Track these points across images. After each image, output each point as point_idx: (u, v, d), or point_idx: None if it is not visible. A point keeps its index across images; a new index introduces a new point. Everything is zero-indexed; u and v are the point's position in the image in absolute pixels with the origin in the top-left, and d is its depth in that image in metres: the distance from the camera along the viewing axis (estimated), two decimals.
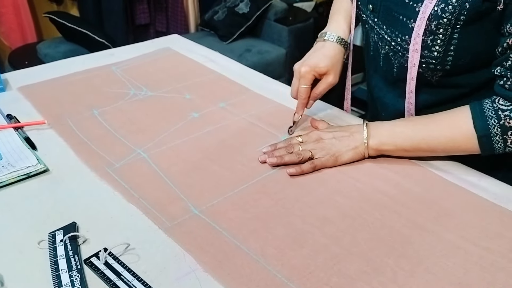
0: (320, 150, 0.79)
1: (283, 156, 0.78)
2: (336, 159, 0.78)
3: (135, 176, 0.75)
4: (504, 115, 0.69)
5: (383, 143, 0.78)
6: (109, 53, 1.24)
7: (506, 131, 0.70)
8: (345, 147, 0.79)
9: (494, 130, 0.70)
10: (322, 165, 0.78)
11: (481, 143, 0.71)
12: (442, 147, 0.75)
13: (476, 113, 0.72)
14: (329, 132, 0.81)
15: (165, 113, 0.94)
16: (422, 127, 0.76)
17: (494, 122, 0.70)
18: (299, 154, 0.78)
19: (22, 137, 0.84)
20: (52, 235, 0.62)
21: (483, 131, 0.71)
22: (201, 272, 0.58)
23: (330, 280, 0.57)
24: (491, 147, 0.71)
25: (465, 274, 0.58)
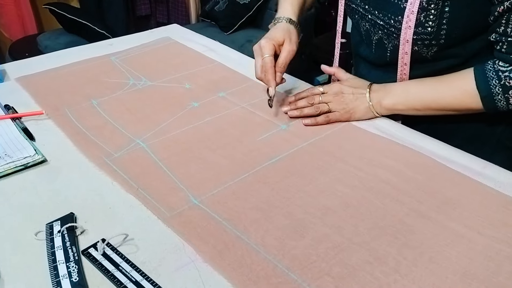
0: (338, 104, 0.85)
1: (303, 109, 0.86)
2: (351, 115, 0.85)
3: (134, 166, 0.74)
4: (504, 76, 0.74)
5: (397, 103, 0.83)
6: (108, 43, 1.23)
7: (507, 90, 0.74)
8: (360, 104, 0.85)
9: (496, 89, 0.75)
10: (336, 119, 0.85)
11: (485, 102, 0.76)
12: (450, 106, 0.80)
13: (479, 75, 0.76)
14: (349, 87, 0.86)
15: (164, 103, 0.93)
16: (431, 88, 0.81)
17: (496, 82, 0.75)
18: (317, 108, 0.85)
19: (19, 128, 0.83)
20: (49, 226, 0.61)
21: (486, 91, 0.76)
22: (200, 263, 0.57)
23: (331, 270, 0.56)
24: (495, 105, 0.76)
25: (469, 264, 0.57)
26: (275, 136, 0.82)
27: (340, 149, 0.78)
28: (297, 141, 0.81)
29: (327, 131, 0.83)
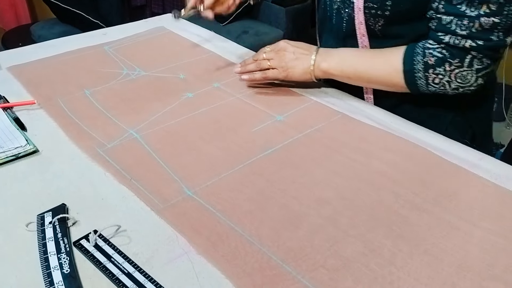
0: (278, 61, 0.87)
1: (247, 65, 0.90)
2: (288, 74, 0.87)
3: (127, 157, 0.73)
4: (428, 53, 0.76)
5: (332, 68, 0.85)
6: (101, 32, 1.21)
7: (427, 68, 0.76)
8: (299, 64, 0.86)
9: (418, 66, 0.76)
10: (274, 77, 0.88)
11: (406, 77, 0.78)
12: (378, 79, 0.82)
13: (408, 50, 0.79)
14: (293, 47, 0.88)
15: (158, 93, 0.92)
16: (365, 57, 0.84)
17: (419, 58, 0.76)
18: (258, 64, 0.88)
19: (11, 118, 0.81)
20: (40, 217, 0.60)
21: (408, 66, 0.77)
22: (194, 254, 0.56)
23: (326, 262, 0.56)
24: (415, 82, 0.78)
25: (465, 256, 0.56)
26: (270, 127, 0.81)
27: (336, 141, 0.78)
28: (293, 132, 0.80)
29: (322, 122, 0.82)
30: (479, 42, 0.72)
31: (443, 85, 0.77)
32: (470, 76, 0.75)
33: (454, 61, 0.74)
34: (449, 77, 0.75)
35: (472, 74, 0.75)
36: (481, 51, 0.72)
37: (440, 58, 0.75)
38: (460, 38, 0.72)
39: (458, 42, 0.73)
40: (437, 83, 0.77)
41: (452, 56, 0.74)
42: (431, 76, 0.76)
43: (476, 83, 0.76)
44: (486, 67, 0.74)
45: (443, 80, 0.76)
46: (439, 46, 0.75)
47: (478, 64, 0.74)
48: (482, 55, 0.73)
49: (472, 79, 0.75)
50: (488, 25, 0.70)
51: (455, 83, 0.76)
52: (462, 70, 0.74)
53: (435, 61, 0.75)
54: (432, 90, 0.78)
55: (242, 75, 0.91)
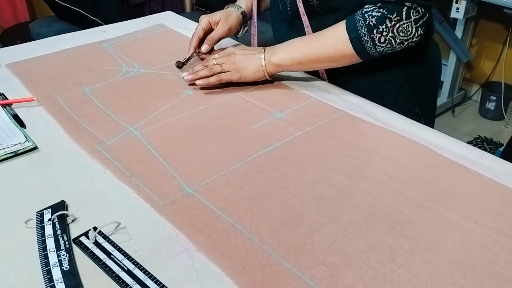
0: (230, 64, 0.89)
1: (198, 72, 0.91)
2: (241, 75, 0.89)
3: (126, 154, 0.73)
4: (368, 15, 0.80)
5: (282, 59, 0.88)
6: (100, 30, 1.21)
7: (371, 29, 0.80)
8: (250, 64, 0.89)
9: (362, 30, 0.80)
10: (228, 79, 0.89)
11: (354, 44, 0.82)
12: (327, 54, 0.85)
13: (348, 20, 0.82)
14: (241, 50, 0.92)
15: (158, 90, 0.92)
16: (311, 40, 0.87)
17: (361, 23, 0.80)
18: (211, 69, 0.89)
19: (10, 115, 0.81)
20: (40, 214, 0.60)
21: (354, 33, 0.81)
22: (194, 252, 0.56)
23: (326, 259, 0.55)
24: (364, 47, 0.82)
25: (466, 253, 0.56)
26: (270, 125, 0.81)
27: (336, 138, 0.77)
28: (293, 129, 0.80)
29: (322, 120, 0.82)
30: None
31: (389, 41, 0.81)
32: (411, 28, 0.80)
33: (393, 16, 0.79)
34: (392, 32, 0.80)
35: (411, 25, 0.80)
36: (414, 0, 0.78)
37: (379, 16, 0.79)
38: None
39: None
40: (383, 42, 0.81)
41: (389, 11, 0.78)
42: (376, 36, 0.80)
43: (417, 33, 0.81)
44: (422, 16, 0.80)
45: (388, 36, 0.80)
46: (376, 6, 0.79)
47: (415, 15, 0.79)
48: (416, 4, 0.78)
49: (412, 30, 0.80)
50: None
51: (399, 37, 0.80)
52: (402, 23, 0.79)
53: (376, 20, 0.79)
54: (380, 51, 0.82)
55: (196, 81, 0.91)
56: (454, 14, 2.33)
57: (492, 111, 2.56)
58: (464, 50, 2.50)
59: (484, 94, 2.59)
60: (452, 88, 2.61)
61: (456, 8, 2.29)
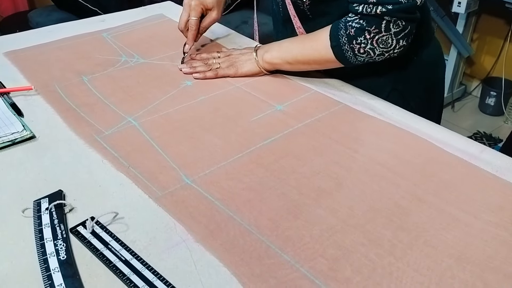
0: (227, 62, 0.92)
1: (196, 67, 0.92)
2: (237, 69, 0.91)
3: (125, 145, 0.72)
4: (349, 25, 0.78)
5: (274, 57, 0.89)
6: (99, 19, 1.20)
7: (351, 39, 0.79)
8: (246, 60, 0.91)
9: (343, 39, 0.79)
10: (224, 73, 0.91)
11: (335, 52, 0.81)
12: (312, 58, 0.85)
13: (333, 26, 0.82)
14: (239, 49, 0.95)
15: (157, 80, 0.91)
16: (299, 42, 0.88)
17: (342, 32, 0.79)
18: (209, 65, 0.92)
19: (7, 103, 0.80)
20: (37, 203, 0.60)
21: (335, 41, 0.81)
22: (192, 242, 0.56)
23: (325, 252, 0.55)
24: (344, 56, 0.81)
25: (465, 248, 0.56)
26: (270, 117, 0.81)
27: (336, 131, 0.77)
28: (292, 122, 0.79)
29: (322, 112, 0.82)
30: (388, 7, 0.74)
31: (368, 53, 0.79)
32: (391, 40, 0.78)
33: (371, 29, 0.77)
34: (371, 44, 0.78)
35: (391, 38, 0.78)
36: (394, 14, 0.75)
37: (358, 28, 0.78)
38: (371, 5, 0.75)
39: (370, 10, 0.75)
40: (363, 52, 0.79)
41: (368, 24, 0.77)
42: (356, 46, 0.79)
43: (398, 45, 0.79)
44: (403, 29, 0.77)
45: (367, 48, 0.79)
46: (356, 17, 0.78)
47: (395, 27, 0.76)
48: (395, 18, 0.76)
49: (393, 42, 0.78)
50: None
51: (379, 49, 0.79)
52: (382, 36, 0.77)
53: (355, 31, 0.78)
54: (361, 60, 0.81)
55: (193, 74, 0.92)
56: (455, 9, 2.31)
57: (492, 106, 2.56)
58: (465, 45, 2.49)
59: (484, 89, 2.58)
60: (452, 83, 2.60)
61: (458, 2, 2.28)
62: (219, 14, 0.98)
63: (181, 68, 0.94)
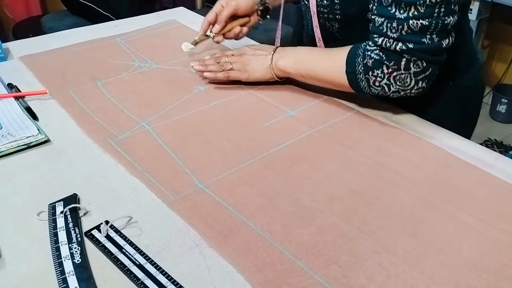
0: (240, 64, 0.89)
1: (208, 65, 0.90)
2: (249, 75, 0.88)
3: (138, 149, 0.73)
4: (367, 54, 0.74)
5: (288, 66, 0.85)
6: (113, 24, 1.21)
7: (367, 70, 0.74)
8: (259, 65, 0.88)
9: (359, 68, 0.75)
10: (236, 77, 0.89)
11: (349, 78, 0.77)
12: (325, 77, 0.81)
13: (351, 50, 0.77)
14: (252, 50, 0.90)
15: (170, 86, 0.92)
16: (315, 57, 0.84)
17: (360, 60, 0.75)
18: (221, 65, 0.89)
19: (23, 107, 0.81)
20: (52, 207, 0.60)
21: (351, 67, 0.76)
22: (205, 247, 0.56)
23: (339, 258, 0.55)
24: (358, 84, 0.77)
25: (480, 256, 0.55)
26: (283, 122, 0.81)
27: (348, 137, 0.77)
28: (305, 127, 0.79)
29: (335, 118, 0.82)
30: (409, 45, 0.69)
31: (383, 88, 0.75)
32: (409, 80, 0.72)
33: (390, 64, 0.72)
34: (388, 79, 0.73)
35: (410, 77, 0.72)
36: (414, 54, 0.70)
37: (377, 60, 0.73)
38: (392, 40, 0.70)
39: (390, 45, 0.71)
40: (378, 86, 0.75)
41: (388, 58, 0.72)
42: (371, 78, 0.74)
43: (416, 86, 0.73)
44: (424, 70, 0.71)
45: (382, 83, 0.74)
46: (376, 48, 0.73)
47: (415, 67, 0.71)
48: (416, 58, 0.70)
49: (411, 82, 0.73)
50: (417, 27, 0.68)
51: (395, 86, 0.74)
52: (400, 73, 0.72)
53: (373, 63, 0.73)
54: (375, 92, 0.76)
55: (204, 72, 0.91)
56: None
57: (503, 114, 2.54)
58: None
59: (495, 96, 2.57)
60: None
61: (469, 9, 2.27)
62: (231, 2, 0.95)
63: (192, 65, 0.92)
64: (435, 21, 0.68)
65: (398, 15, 0.68)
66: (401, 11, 0.68)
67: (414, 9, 0.67)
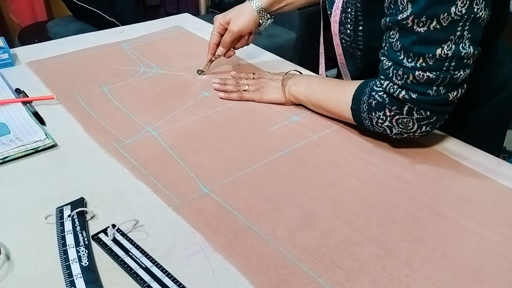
0: (256, 86, 0.90)
1: (226, 85, 0.92)
2: (262, 95, 0.89)
3: (144, 154, 0.74)
4: (372, 95, 0.71)
5: (300, 93, 0.85)
6: (118, 30, 1.23)
7: (371, 110, 0.72)
8: (273, 88, 0.88)
9: (363, 106, 0.73)
10: (249, 97, 0.89)
11: (353, 115, 0.75)
12: (333, 110, 0.80)
13: (359, 87, 0.75)
14: (271, 74, 0.92)
15: (175, 91, 0.93)
16: (327, 87, 0.82)
17: (365, 99, 0.72)
18: (238, 86, 0.91)
19: (30, 112, 0.82)
20: (59, 210, 0.61)
21: (356, 105, 0.74)
22: (210, 251, 0.57)
23: (342, 263, 0.56)
24: (362, 122, 0.75)
25: (482, 261, 0.56)
26: (286, 128, 0.82)
27: (352, 142, 0.78)
28: (308, 133, 0.80)
29: (338, 124, 0.82)
30: (412, 95, 0.66)
31: (385, 129, 0.72)
32: (412, 124, 0.69)
33: (393, 108, 0.69)
34: (390, 122, 0.70)
35: (413, 122, 0.69)
36: (417, 104, 0.67)
37: (380, 102, 0.70)
38: (396, 87, 0.67)
39: (394, 91, 0.68)
40: (380, 126, 0.72)
41: (390, 102, 0.69)
42: (374, 119, 0.72)
43: (419, 130, 0.70)
44: (427, 118, 0.68)
45: (384, 124, 0.71)
46: (382, 89, 0.70)
47: (418, 115, 0.68)
48: (418, 108, 0.67)
49: (414, 126, 0.70)
50: (423, 79, 0.65)
51: (397, 128, 0.71)
52: (402, 117, 0.69)
53: (375, 105, 0.70)
54: (378, 131, 0.74)
55: (219, 92, 0.92)
56: None
57: None
58: None
59: None
60: None
61: None
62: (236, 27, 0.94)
63: (213, 82, 0.93)
64: (443, 75, 0.64)
65: (405, 63, 0.65)
66: (409, 60, 0.65)
67: (422, 60, 0.64)
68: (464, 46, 0.63)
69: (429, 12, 0.61)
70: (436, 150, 0.76)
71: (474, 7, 0.61)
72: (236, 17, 0.94)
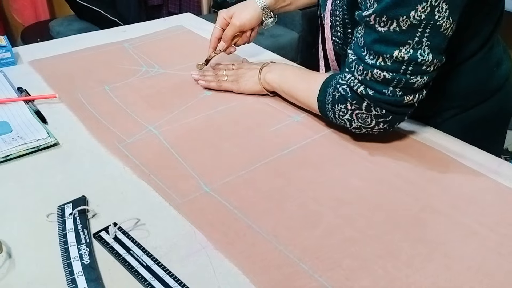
0: (234, 76, 0.92)
1: (206, 75, 0.94)
2: (240, 86, 0.91)
3: (146, 153, 0.74)
4: (336, 88, 0.72)
5: (273, 80, 0.87)
6: (121, 30, 1.23)
7: (334, 103, 0.73)
8: (250, 77, 0.90)
9: (328, 98, 0.74)
10: (227, 87, 0.92)
11: (319, 106, 0.77)
12: (301, 99, 0.82)
13: (327, 79, 0.76)
14: (249, 64, 0.95)
15: (177, 90, 0.93)
16: (297, 77, 0.84)
17: (330, 91, 0.74)
18: (217, 76, 0.93)
19: (32, 111, 0.83)
20: (61, 209, 0.61)
21: (321, 96, 0.76)
22: (211, 250, 0.57)
23: (343, 262, 0.56)
24: (326, 113, 0.76)
25: (483, 260, 0.56)
26: (288, 127, 0.82)
27: (353, 142, 0.78)
28: (310, 133, 0.80)
29: None
30: (369, 92, 0.67)
31: (345, 123, 0.73)
32: (370, 120, 0.71)
33: (353, 102, 0.70)
34: (350, 116, 0.72)
35: (371, 118, 0.70)
36: (373, 101, 0.68)
37: (343, 95, 0.71)
38: (356, 81, 0.69)
39: (354, 85, 0.69)
40: (342, 119, 0.73)
41: (351, 96, 0.70)
42: (337, 111, 0.73)
43: (377, 127, 0.71)
44: (384, 116, 0.69)
45: (344, 118, 0.73)
46: (345, 82, 0.71)
47: (376, 111, 0.69)
48: (375, 105, 0.68)
49: (372, 122, 0.71)
50: (379, 78, 0.66)
51: (356, 123, 0.72)
52: (362, 112, 0.70)
53: (339, 97, 0.72)
54: (340, 124, 0.75)
55: (199, 80, 0.93)
56: None
57: None
58: None
59: None
60: None
61: None
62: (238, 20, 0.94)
63: (191, 74, 0.95)
64: (399, 77, 0.65)
65: (367, 60, 0.67)
66: (371, 57, 0.66)
67: (382, 60, 0.65)
68: (422, 53, 0.63)
69: (389, 13, 0.62)
70: (437, 150, 0.75)
71: (435, 14, 0.61)
72: (240, 11, 0.95)
